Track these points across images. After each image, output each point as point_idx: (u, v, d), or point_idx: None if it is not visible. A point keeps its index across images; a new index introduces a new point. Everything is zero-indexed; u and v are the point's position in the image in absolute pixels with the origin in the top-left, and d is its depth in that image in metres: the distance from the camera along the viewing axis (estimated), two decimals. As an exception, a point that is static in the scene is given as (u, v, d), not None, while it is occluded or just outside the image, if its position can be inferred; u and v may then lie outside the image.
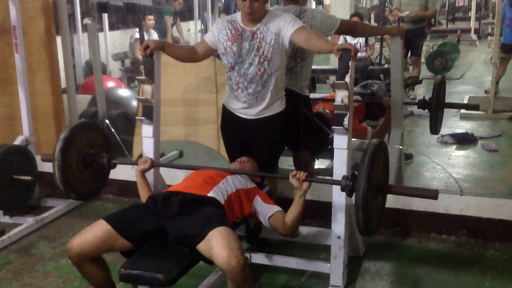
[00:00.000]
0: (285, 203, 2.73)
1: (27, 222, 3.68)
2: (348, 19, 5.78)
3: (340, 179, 2.47)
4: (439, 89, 3.92)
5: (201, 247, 2.20)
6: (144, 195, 2.72)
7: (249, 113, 2.98)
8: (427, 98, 3.98)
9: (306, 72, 3.35)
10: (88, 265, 2.34)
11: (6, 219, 3.79)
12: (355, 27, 3.61)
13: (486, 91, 7.16)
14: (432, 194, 2.52)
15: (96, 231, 2.28)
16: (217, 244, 2.13)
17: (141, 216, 2.40)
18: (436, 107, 3.89)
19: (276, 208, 2.64)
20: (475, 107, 4.63)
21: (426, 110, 4.01)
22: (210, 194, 2.49)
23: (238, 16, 2.92)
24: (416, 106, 4.44)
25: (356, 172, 2.41)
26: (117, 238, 2.29)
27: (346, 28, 3.47)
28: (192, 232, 2.24)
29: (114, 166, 2.99)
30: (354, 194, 2.40)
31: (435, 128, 4.06)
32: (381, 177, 2.53)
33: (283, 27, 2.78)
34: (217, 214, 2.36)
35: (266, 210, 2.64)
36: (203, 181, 2.58)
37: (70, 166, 2.82)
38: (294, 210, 2.53)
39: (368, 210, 2.35)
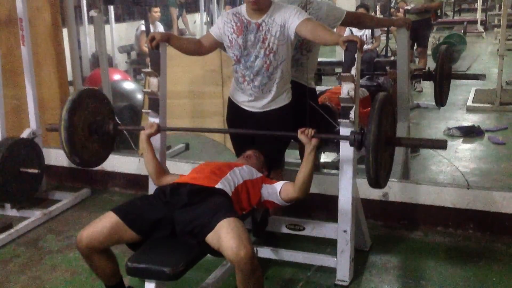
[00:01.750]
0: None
1: (35, 215, 3.70)
2: (354, 11, 5.77)
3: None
4: (444, 59, 3.88)
5: (210, 238, 2.20)
6: (148, 160, 2.78)
7: (255, 106, 2.97)
8: (432, 90, 3.95)
9: (312, 64, 3.34)
10: (97, 257, 2.34)
11: (14, 213, 3.80)
12: (361, 19, 3.60)
13: (507, 82, 7.07)
14: (440, 144, 2.52)
15: (105, 223, 2.29)
16: (226, 235, 2.13)
17: (149, 206, 2.41)
18: (440, 78, 3.85)
19: (282, 182, 2.67)
20: (482, 77, 4.53)
21: (434, 104, 3.96)
22: (218, 185, 2.49)
23: (243, 8, 2.91)
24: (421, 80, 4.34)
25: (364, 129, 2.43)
26: (125, 230, 2.30)
27: (352, 19, 3.45)
28: (201, 222, 2.25)
29: (119, 133, 2.97)
30: (362, 147, 2.43)
31: (440, 99, 3.98)
32: (389, 130, 2.53)
33: (289, 18, 2.77)
34: (225, 205, 2.37)
35: (274, 189, 2.66)
36: (210, 172, 2.58)
37: (76, 129, 2.80)
38: (304, 168, 2.55)
39: (378, 158, 2.35)
